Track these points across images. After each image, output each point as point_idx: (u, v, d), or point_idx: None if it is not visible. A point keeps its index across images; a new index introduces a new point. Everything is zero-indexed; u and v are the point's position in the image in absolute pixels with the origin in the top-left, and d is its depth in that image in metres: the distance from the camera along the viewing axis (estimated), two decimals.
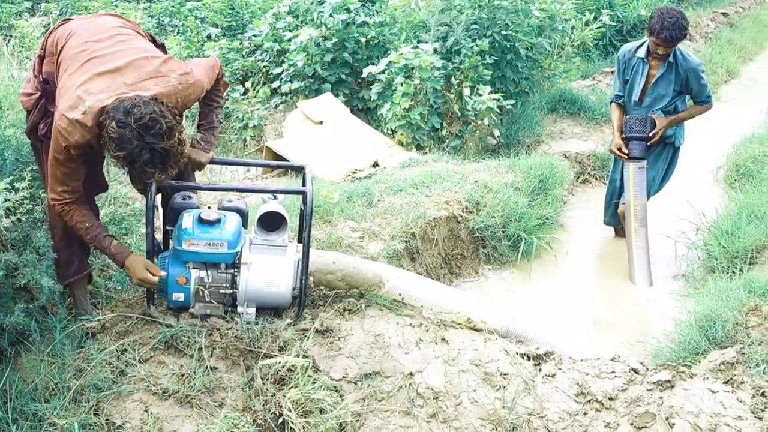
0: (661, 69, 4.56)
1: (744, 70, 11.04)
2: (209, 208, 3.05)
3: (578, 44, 7.66)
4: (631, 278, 4.66)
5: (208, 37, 7.28)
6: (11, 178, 2.70)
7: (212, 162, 3.29)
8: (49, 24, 7.73)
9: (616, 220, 5.14)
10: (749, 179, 5.87)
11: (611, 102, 4.90)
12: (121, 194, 3.62)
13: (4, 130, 3.05)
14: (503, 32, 6.27)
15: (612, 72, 7.46)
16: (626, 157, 4.65)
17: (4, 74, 4.73)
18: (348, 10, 6.31)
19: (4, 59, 5.93)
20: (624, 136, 4.70)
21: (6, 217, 2.61)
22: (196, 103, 2.98)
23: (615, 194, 5.04)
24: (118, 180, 4.20)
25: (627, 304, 4.47)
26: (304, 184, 3.05)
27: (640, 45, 4.66)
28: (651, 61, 4.58)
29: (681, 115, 4.69)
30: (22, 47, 6.71)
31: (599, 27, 7.53)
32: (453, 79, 6.01)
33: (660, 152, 4.79)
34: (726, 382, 2.89)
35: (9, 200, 2.56)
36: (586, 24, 7.57)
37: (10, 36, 7.02)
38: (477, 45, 6.03)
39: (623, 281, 4.68)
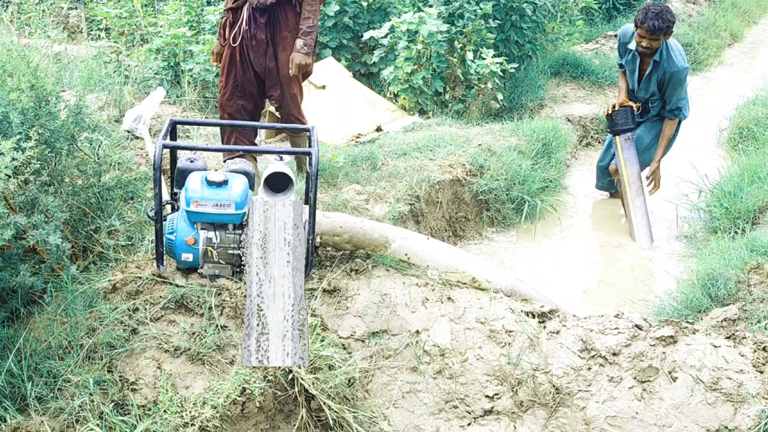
0: (650, 66, 4.54)
1: (748, 34, 10.95)
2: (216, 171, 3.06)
3: (581, 8, 7.58)
4: (632, 237, 4.69)
5: (208, 2, 7.20)
6: (18, 137, 2.69)
7: (214, 124, 3.27)
8: None
9: (609, 185, 5.16)
10: (752, 141, 5.86)
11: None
12: (126, 159, 3.61)
13: (9, 93, 3.04)
14: None
15: (615, 35, 7.40)
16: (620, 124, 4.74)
17: (6, 39, 4.70)
18: None
19: (4, 24, 5.89)
20: (610, 130, 4.82)
21: (14, 177, 2.61)
22: None
23: (606, 160, 5.10)
24: (122, 146, 4.20)
25: (630, 264, 4.50)
26: (310, 145, 3.06)
27: (633, 35, 4.58)
28: (641, 55, 4.55)
29: (658, 153, 4.74)
30: (21, 13, 6.66)
31: None
32: (456, 42, 5.96)
33: (658, 122, 4.79)
34: (728, 338, 2.93)
35: (16, 159, 2.56)
36: None
37: (9, 2, 6.96)
38: (481, 8, 5.96)
39: (626, 242, 4.71)
